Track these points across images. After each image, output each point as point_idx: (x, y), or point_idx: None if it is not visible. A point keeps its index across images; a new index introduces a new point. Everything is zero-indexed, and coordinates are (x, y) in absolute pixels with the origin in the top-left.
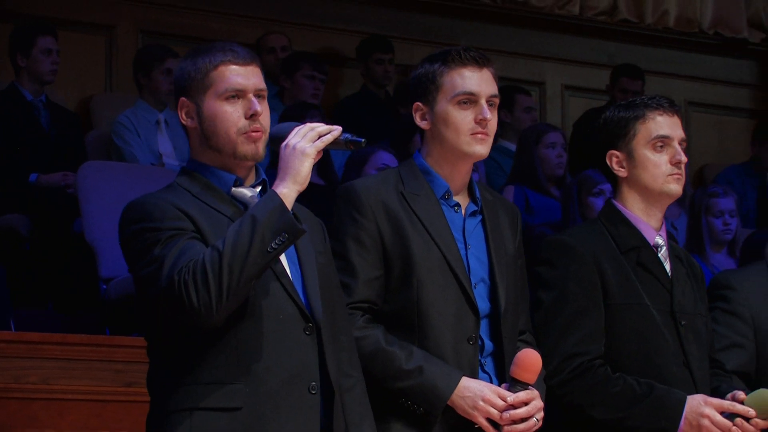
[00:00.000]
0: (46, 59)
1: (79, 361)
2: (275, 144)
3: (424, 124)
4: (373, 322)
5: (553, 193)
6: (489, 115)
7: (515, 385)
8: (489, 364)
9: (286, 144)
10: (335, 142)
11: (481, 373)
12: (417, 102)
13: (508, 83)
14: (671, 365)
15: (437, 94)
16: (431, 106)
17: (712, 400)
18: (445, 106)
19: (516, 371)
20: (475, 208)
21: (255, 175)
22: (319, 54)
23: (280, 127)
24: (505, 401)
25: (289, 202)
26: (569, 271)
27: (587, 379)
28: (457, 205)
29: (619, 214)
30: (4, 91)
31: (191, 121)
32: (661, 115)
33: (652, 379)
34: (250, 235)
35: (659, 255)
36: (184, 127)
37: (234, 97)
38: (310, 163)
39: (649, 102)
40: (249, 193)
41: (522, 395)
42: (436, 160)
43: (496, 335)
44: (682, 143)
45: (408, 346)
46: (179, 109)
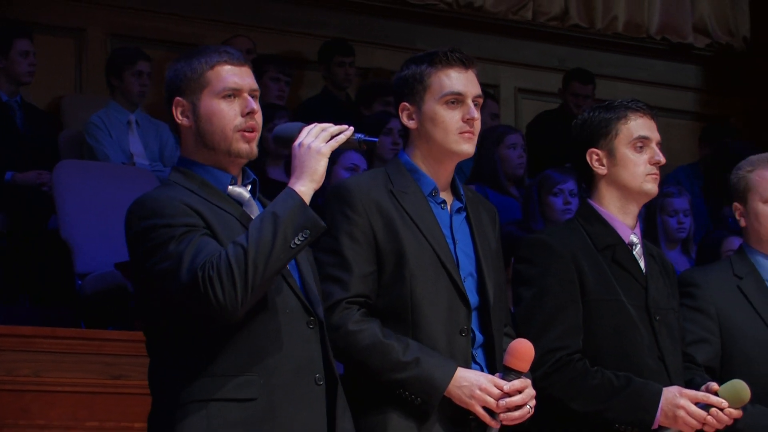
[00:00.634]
0: (24, 61)
1: (69, 354)
2: (279, 144)
3: (411, 124)
4: (368, 316)
5: (512, 192)
6: (476, 115)
7: (509, 373)
8: (480, 355)
9: (301, 143)
10: (348, 141)
11: (472, 364)
12: (404, 102)
13: None
14: (647, 359)
15: (425, 94)
16: (418, 106)
17: (687, 391)
18: (433, 106)
19: (510, 360)
20: (460, 204)
21: (243, 175)
22: (282, 57)
23: (286, 127)
24: (500, 390)
25: (307, 199)
26: (548, 268)
27: (567, 373)
28: (444, 202)
29: (595, 213)
30: None
31: (186, 119)
32: (641, 117)
33: (628, 372)
34: (272, 231)
35: (634, 252)
36: (177, 126)
37: (230, 96)
38: (326, 162)
39: (630, 104)
40: (244, 193)
41: (517, 383)
42: (422, 159)
43: (485, 327)
44: (658, 145)
45: (404, 338)
46: (173, 107)
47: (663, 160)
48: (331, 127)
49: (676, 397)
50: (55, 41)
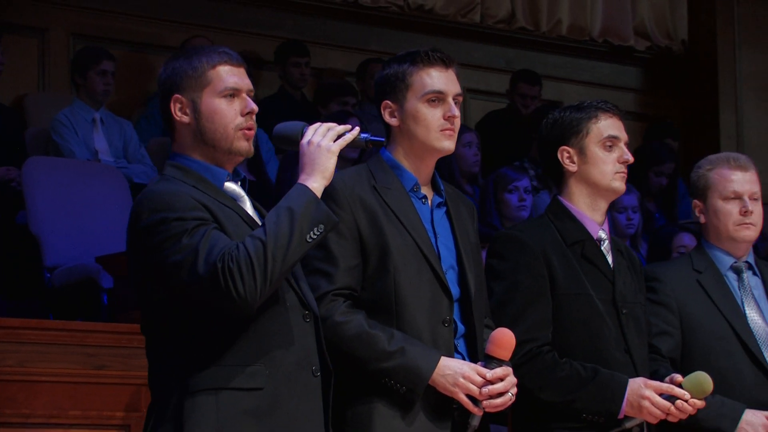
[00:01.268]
0: None
1: (53, 345)
2: (280, 142)
3: (394, 121)
4: (354, 307)
5: (467, 189)
6: (457, 112)
7: (491, 361)
8: (461, 345)
9: (310, 141)
10: (355, 141)
11: (455, 354)
12: (385, 100)
13: None
14: (613, 351)
15: (407, 93)
16: (401, 104)
17: (652, 382)
18: (415, 104)
19: (492, 349)
20: (440, 200)
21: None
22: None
23: (286, 125)
24: (483, 377)
25: (319, 195)
26: (519, 263)
27: (536, 364)
28: (425, 197)
29: (564, 210)
30: None
31: (185, 116)
32: (611, 117)
33: (596, 364)
34: (290, 226)
35: (602, 248)
36: (172, 122)
37: (231, 95)
38: (335, 160)
39: (600, 105)
40: (238, 189)
41: (499, 371)
42: (404, 155)
43: (466, 318)
44: (626, 144)
45: (389, 329)
46: (171, 104)
47: (631, 159)
48: (337, 127)
49: (641, 388)
50: (19, 41)
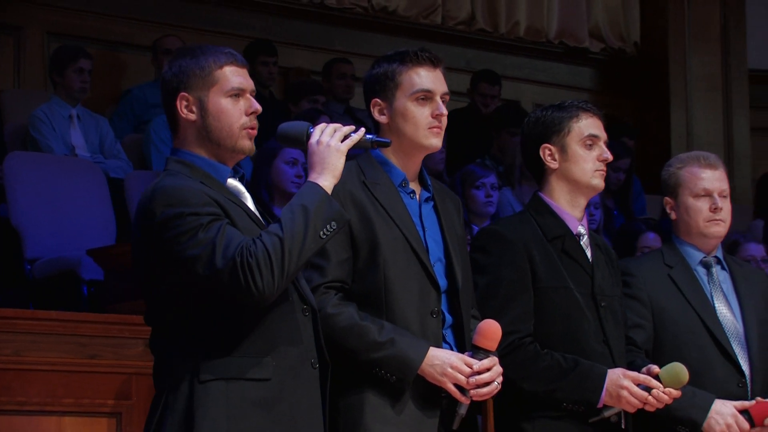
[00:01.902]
0: None
1: (47, 335)
2: (284, 141)
3: (383, 119)
4: (345, 300)
5: None
6: (445, 111)
7: (478, 352)
8: (449, 335)
9: (319, 141)
10: (361, 141)
11: (443, 344)
12: (375, 98)
13: None
14: (592, 342)
15: (396, 91)
16: (390, 102)
17: (630, 373)
18: (404, 102)
19: (479, 339)
20: (427, 194)
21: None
22: None
23: (291, 125)
24: (471, 368)
25: (330, 193)
26: (502, 257)
27: (518, 355)
28: (413, 192)
29: (545, 206)
30: None
31: (192, 114)
32: (591, 117)
33: (576, 355)
34: (304, 223)
35: (581, 243)
36: (178, 119)
37: (236, 95)
38: (344, 160)
39: (582, 105)
40: (240, 186)
41: (486, 362)
42: (393, 152)
43: (454, 309)
44: (605, 143)
45: (379, 320)
46: (178, 101)
47: (610, 157)
48: (344, 128)
49: (620, 379)
50: None
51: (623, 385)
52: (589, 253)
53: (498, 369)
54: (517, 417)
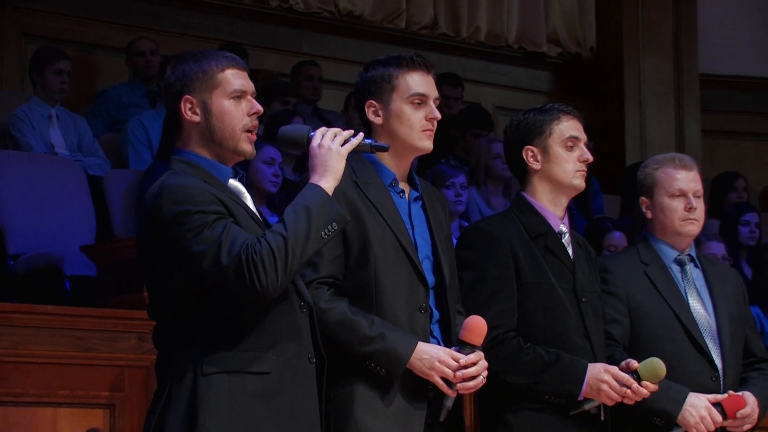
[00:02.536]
0: None
1: (44, 329)
2: (285, 144)
3: (377, 120)
4: (337, 295)
5: None
6: (438, 115)
7: (464, 347)
8: (436, 330)
9: (320, 144)
10: (360, 145)
11: (430, 339)
12: (370, 100)
13: (344, 89)
14: (574, 336)
15: (392, 93)
16: (385, 104)
17: (611, 368)
18: (400, 105)
19: (465, 335)
20: (416, 194)
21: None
22: None
23: (292, 128)
24: (457, 362)
25: (331, 194)
26: (487, 254)
27: (502, 349)
28: (402, 191)
29: (528, 205)
30: None
31: (195, 116)
32: (572, 119)
33: (557, 349)
34: (307, 223)
35: (563, 240)
36: (181, 120)
37: (238, 97)
38: (344, 163)
39: (563, 108)
40: (240, 186)
41: (472, 357)
42: (384, 153)
43: (441, 305)
44: (586, 145)
45: (370, 315)
46: (182, 103)
47: (590, 158)
48: (344, 132)
49: (600, 373)
50: None
51: (603, 379)
52: (570, 251)
53: (483, 363)
54: (500, 409)
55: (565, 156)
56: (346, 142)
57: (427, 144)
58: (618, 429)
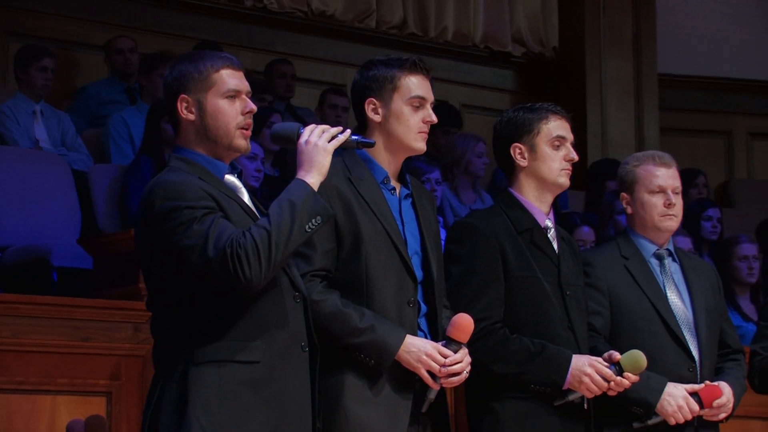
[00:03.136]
0: None
1: (44, 319)
2: (278, 141)
3: (377, 118)
4: (329, 287)
5: None
6: (435, 119)
7: (451, 343)
8: (423, 323)
9: (308, 141)
10: (347, 141)
11: (418, 332)
12: (371, 97)
13: (317, 86)
14: (559, 328)
15: (393, 94)
16: (386, 103)
17: (595, 362)
18: (400, 106)
19: (453, 332)
20: (407, 191)
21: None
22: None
23: (284, 125)
24: (444, 357)
25: (316, 189)
26: (475, 248)
27: (490, 340)
28: (393, 188)
29: (515, 200)
30: None
31: (191, 114)
32: (559, 119)
33: (543, 340)
34: (291, 217)
35: (548, 235)
36: (178, 119)
37: (232, 96)
38: (330, 159)
39: (550, 107)
40: (237, 181)
41: (458, 355)
42: (378, 150)
43: (428, 299)
44: (572, 144)
45: (360, 308)
46: (178, 103)
47: (576, 157)
48: (331, 129)
49: (584, 366)
50: None
51: (586, 372)
52: (555, 245)
53: (468, 360)
54: (487, 398)
55: (551, 154)
56: (333, 138)
57: (421, 145)
58: (600, 417)
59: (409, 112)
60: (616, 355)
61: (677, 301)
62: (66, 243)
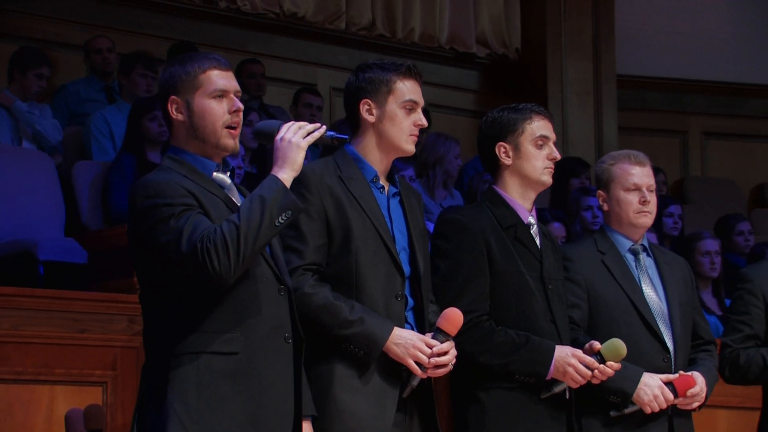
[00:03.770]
0: None
1: (42, 311)
2: (260, 138)
3: (370, 118)
4: (321, 281)
5: None
6: (425, 123)
7: (439, 334)
8: (410, 317)
9: (282, 138)
10: (322, 137)
11: (405, 325)
12: (366, 99)
13: (288, 86)
14: (542, 321)
15: (388, 96)
16: (380, 105)
17: (578, 352)
18: (395, 108)
19: (443, 323)
20: (395, 190)
21: (223, 163)
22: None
23: (266, 123)
24: (431, 348)
25: (288, 185)
26: (462, 243)
27: (476, 332)
28: (382, 187)
29: (499, 197)
30: None
31: (180, 115)
32: (543, 119)
33: (527, 332)
34: (260, 212)
35: (531, 231)
36: (170, 120)
37: (220, 96)
38: (303, 155)
39: (535, 108)
40: (226, 178)
41: (445, 346)
42: (369, 150)
43: (415, 293)
44: (554, 144)
45: (350, 301)
46: (169, 104)
47: (558, 156)
48: (308, 125)
49: (567, 356)
50: None
51: (570, 362)
52: (538, 241)
53: (454, 352)
54: (473, 388)
55: (535, 153)
56: (309, 135)
57: (411, 147)
58: (580, 406)
59: (402, 114)
60: (597, 344)
61: (652, 294)
62: (51, 237)
